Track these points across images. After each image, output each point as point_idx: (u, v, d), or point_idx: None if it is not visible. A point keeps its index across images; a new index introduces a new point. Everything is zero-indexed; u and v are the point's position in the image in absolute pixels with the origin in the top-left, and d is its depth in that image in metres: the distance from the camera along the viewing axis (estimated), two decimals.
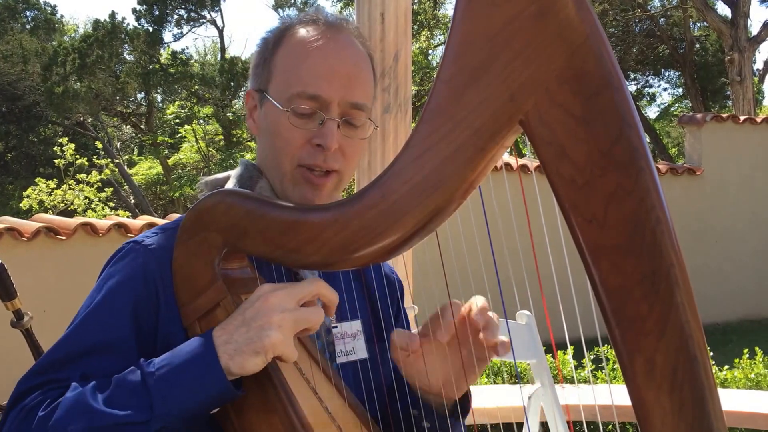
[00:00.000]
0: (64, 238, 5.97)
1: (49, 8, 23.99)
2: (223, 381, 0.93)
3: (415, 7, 16.88)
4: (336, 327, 1.20)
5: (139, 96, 22.66)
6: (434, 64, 18.23)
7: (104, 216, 11.38)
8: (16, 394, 0.99)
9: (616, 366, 4.46)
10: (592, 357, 4.90)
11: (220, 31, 23.79)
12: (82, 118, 20.28)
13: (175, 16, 22.54)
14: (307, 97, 1.10)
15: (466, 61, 0.79)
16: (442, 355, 1.10)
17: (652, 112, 23.81)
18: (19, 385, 1.00)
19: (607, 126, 0.75)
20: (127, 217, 10.14)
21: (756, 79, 18.09)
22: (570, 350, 2.90)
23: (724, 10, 15.86)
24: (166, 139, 20.39)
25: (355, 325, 1.24)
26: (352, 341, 1.23)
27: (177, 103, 20.88)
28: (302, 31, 1.15)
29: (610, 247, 0.76)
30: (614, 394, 3.49)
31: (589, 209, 0.76)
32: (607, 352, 4.31)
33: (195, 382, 0.93)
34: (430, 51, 18.84)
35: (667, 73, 21.94)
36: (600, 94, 0.75)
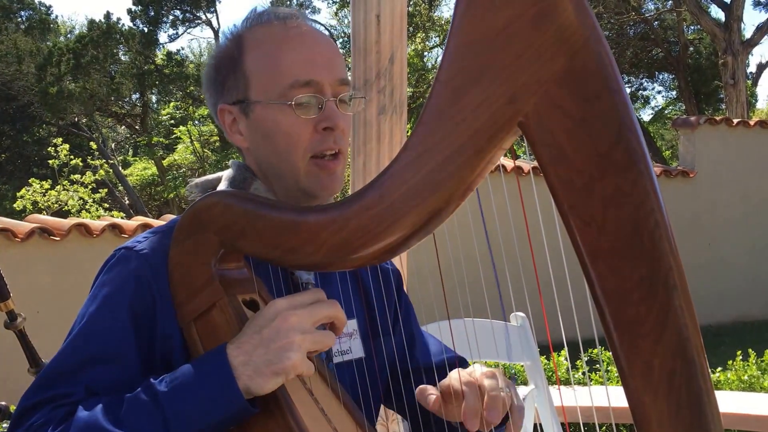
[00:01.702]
0: (58, 238, 5.95)
1: (44, 8, 23.93)
2: (241, 402, 0.93)
3: (410, 9, 16.91)
4: None
5: (134, 97, 22.62)
6: (429, 66, 18.27)
7: (98, 217, 11.33)
8: (21, 410, 0.98)
9: (611, 368, 4.47)
10: (586, 359, 4.90)
11: (216, 33, 23.72)
12: (76, 119, 20.23)
13: (171, 17, 22.51)
14: (302, 85, 1.10)
15: (465, 62, 0.78)
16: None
17: (646, 115, 23.87)
18: (23, 400, 1.00)
19: (606, 129, 0.75)
20: (122, 217, 10.10)
21: (749, 82, 18.17)
22: (564, 351, 2.90)
23: (717, 13, 15.93)
24: (161, 139, 20.36)
25: (351, 324, 1.25)
26: (348, 341, 1.24)
27: (172, 104, 20.86)
28: (262, 30, 1.15)
29: (609, 250, 0.76)
30: (606, 396, 3.49)
31: (588, 212, 0.76)
32: (602, 353, 4.32)
33: (212, 404, 0.92)
34: (426, 53, 18.88)
35: (661, 76, 22.02)
36: (599, 97, 0.75)
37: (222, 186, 1.20)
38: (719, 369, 4.51)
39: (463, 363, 1.33)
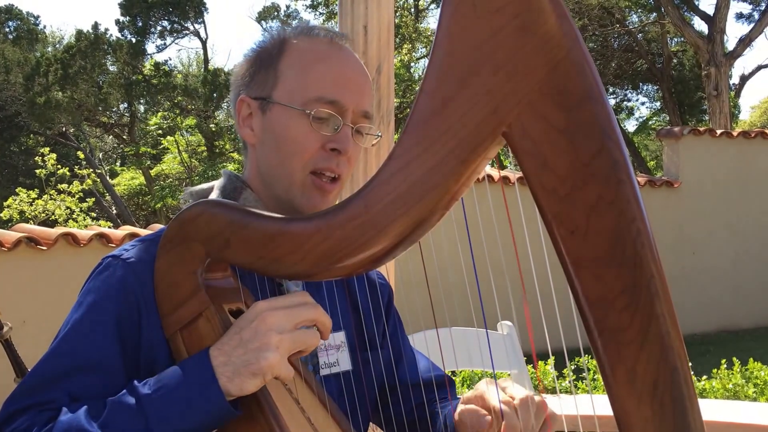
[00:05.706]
0: (45, 248, 5.90)
1: (32, 19, 23.85)
2: (222, 403, 0.93)
3: (397, 20, 16.99)
4: None
5: (122, 107, 22.54)
6: (416, 77, 18.34)
7: (86, 226, 11.27)
8: (4, 416, 0.98)
9: (597, 376, 4.49)
10: (572, 367, 4.92)
11: (204, 43, 23.71)
12: (64, 129, 20.14)
13: (159, 28, 22.47)
14: (326, 102, 1.11)
15: (449, 73, 0.79)
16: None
17: (630, 126, 24.04)
18: (5, 406, 0.99)
19: (588, 138, 0.76)
20: (109, 227, 10.04)
21: (732, 93, 18.35)
22: (551, 360, 2.91)
23: (700, 25, 16.11)
24: (149, 149, 20.29)
25: (339, 337, 1.24)
26: (336, 353, 1.23)
27: (160, 114, 20.78)
28: (308, 41, 1.16)
29: (592, 258, 0.77)
30: (591, 404, 3.50)
31: (571, 220, 0.77)
32: (588, 362, 4.33)
33: (194, 405, 0.92)
34: (412, 64, 18.96)
35: (645, 88, 22.19)
36: (581, 107, 0.76)
37: (213, 195, 1.20)
38: (704, 377, 4.54)
39: (451, 382, 1.34)
